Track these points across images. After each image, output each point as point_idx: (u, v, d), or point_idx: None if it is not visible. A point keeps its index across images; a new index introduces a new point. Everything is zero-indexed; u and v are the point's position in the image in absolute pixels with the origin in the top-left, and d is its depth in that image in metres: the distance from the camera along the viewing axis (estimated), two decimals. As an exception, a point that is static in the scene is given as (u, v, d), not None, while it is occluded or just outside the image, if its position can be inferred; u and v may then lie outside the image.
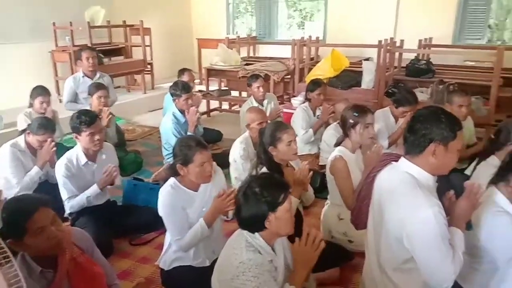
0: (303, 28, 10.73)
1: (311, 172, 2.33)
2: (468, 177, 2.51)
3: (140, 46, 6.75)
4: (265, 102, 4.37)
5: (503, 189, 1.85)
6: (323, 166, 3.27)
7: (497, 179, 1.90)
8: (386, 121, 3.78)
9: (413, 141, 1.64)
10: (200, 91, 5.94)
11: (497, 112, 4.35)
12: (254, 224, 1.60)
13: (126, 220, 2.96)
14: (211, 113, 6.34)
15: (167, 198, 2.16)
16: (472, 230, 1.78)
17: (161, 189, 2.19)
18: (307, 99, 4.17)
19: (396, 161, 1.76)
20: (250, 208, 1.58)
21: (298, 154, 2.70)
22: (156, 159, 4.34)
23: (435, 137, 1.58)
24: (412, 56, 5.36)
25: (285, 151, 2.43)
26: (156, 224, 2.69)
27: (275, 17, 8.64)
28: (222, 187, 2.30)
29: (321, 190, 3.32)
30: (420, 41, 5.68)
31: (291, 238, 1.76)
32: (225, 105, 6.48)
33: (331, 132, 3.54)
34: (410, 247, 1.60)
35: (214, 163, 2.32)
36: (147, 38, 6.93)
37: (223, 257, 1.64)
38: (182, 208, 2.17)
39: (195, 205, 2.21)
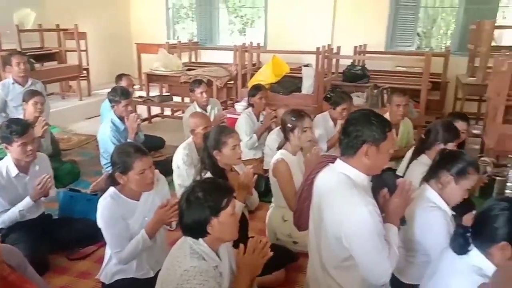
0: (244, 34, 10.87)
1: (255, 176, 2.35)
2: (400, 177, 2.65)
3: (75, 51, 6.46)
4: (208, 107, 4.35)
5: (434, 185, 1.99)
6: (267, 170, 3.32)
7: (429, 176, 2.04)
8: (325, 125, 3.93)
9: (347, 143, 1.70)
10: (140, 97, 5.80)
11: (427, 114, 4.66)
12: (196, 229, 1.57)
13: (62, 234, 2.79)
14: (153, 120, 6.20)
15: (106, 209, 2.07)
16: (406, 225, 1.89)
17: (100, 200, 2.10)
18: (249, 104, 4.21)
19: (333, 162, 1.81)
20: (193, 213, 1.56)
21: (243, 159, 2.71)
22: (94, 168, 4.16)
23: (367, 138, 1.65)
24: (348, 62, 5.60)
25: (229, 155, 2.43)
26: (96, 237, 2.57)
27: (216, 23, 8.66)
28: (165, 196, 2.26)
29: (266, 194, 3.36)
30: (355, 48, 5.96)
31: (235, 243, 1.77)
32: (167, 111, 6.37)
33: (274, 137, 3.60)
34: (348, 245, 1.65)
35: (157, 170, 2.27)
36: (82, 42, 6.66)
37: (166, 266, 1.60)
38: (123, 219, 2.10)
39: (136, 215, 2.14)
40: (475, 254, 1.47)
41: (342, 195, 1.67)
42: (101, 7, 7.93)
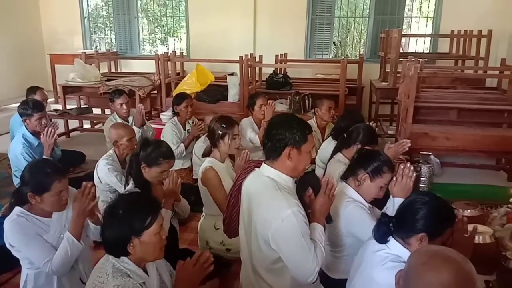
0: (167, 44, 10.68)
1: (180, 180, 2.31)
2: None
3: (-22, 62, 5.90)
4: (130, 118, 4.19)
5: (352, 182, 2.11)
6: (197, 180, 3.27)
7: (347, 174, 2.16)
8: (252, 126, 4.03)
9: (270, 147, 1.75)
10: (55, 110, 5.43)
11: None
12: (116, 248, 1.49)
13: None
14: (71, 134, 5.83)
15: (18, 228, 1.90)
16: (333, 222, 1.97)
17: (5, 221, 1.92)
18: (175, 113, 4.13)
19: (259, 167, 1.85)
20: (113, 231, 1.47)
21: (171, 169, 2.63)
22: (7, 189, 3.80)
23: (288, 141, 1.71)
24: (271, 70, 5.74)
25: (155, 176, 2.35)
26: (7, 264, 2.34)
27: (136, 32, 8.41)
28: None
29: (196, 204, 3.30)
30: (276, 56, 6.12)
31: (165, 254, 1.70)
32: (87, 125, 6.03)
33: (201, 145, 3.57)
34: (276, 246, 1.68)
35: (71, 188, 2.13)
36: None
37: (88, 285, 1.49)
38: (38, 235, 1.94)
39: (51, 232, 1.99)
40: (394, 244, 1.57)
41: (267, 198, 1.70)
42: (7, 16, 7.33)
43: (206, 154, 2.79)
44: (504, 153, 3.99)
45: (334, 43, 8.79)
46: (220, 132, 2.67)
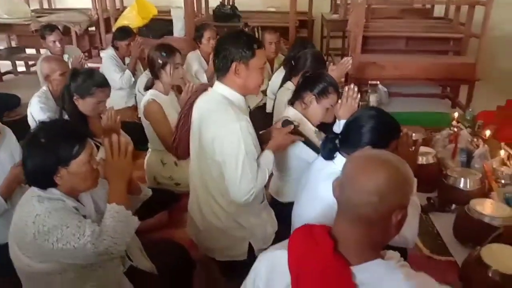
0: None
1: (119, 116, 2.16)
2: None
3: None
4: (65, 56, 3.84)
5: (299, 106, 2.07)
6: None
7: (294, 99, 2.11)
8: (199, 61, 3.83)
9: (218, 63, 1.69)
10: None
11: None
12: (41, 179, 1.36)
13: None
14: (4, 78, 5.36)
15: None
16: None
17: None
18: (113, 46, 3.83)
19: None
20: (36, 160, 1.33)
21: (116, 108, 2.46)
22: None
23: (234, 56, 1.64)
24: (218, 2, 5.44)
25: (90, 108, 2.18)
26: None
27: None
28: (14, 149, 1.96)
29: (143, 142, 3.17)
30: (223, -14, 5.79)
31: None
32: (21, 68, 5.55)
33: (144, 80, 3.35)
34: (220, 159, 1.65)
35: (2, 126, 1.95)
36: None
37: (15, 222, 1.36)
38: None
39: None
40: (340, 160, 1.55)
41: (217, 112, 1.67)
42: None
43: (149, 86, 2.62)
44: (450, 79, 4.10)
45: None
46: (161, 62, 2.49)
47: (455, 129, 3.00)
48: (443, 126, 3.49)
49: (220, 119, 1.65)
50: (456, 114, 3.19)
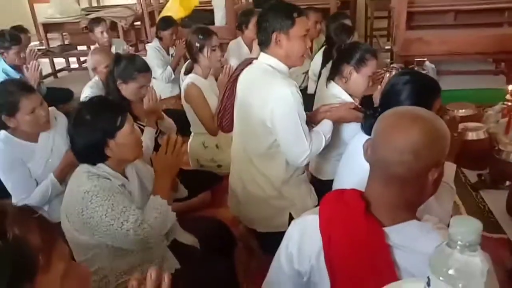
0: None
1: (160, 96, 2.23)
2: None
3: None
4: (113, 48, 4.02)
5: (339, 81, 2.03)
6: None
7: (333, 75, 2.07)
8: (239, 52, 3.83)
9: (261, 37, 1.72)
10: (38, 49, 5.24)
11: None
12: (92, 154, 1.43)
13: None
14: (59, 74, 5.69)
15: (1, 155, 1.87)
16: None
17: None
18: (158, 37, 3.94)
19: None
20: (84, 138, 1.41)
21: (161, 97, 2.54)
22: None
23: (274, 27, 1.66)
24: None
25: (133, 92, 2.22)
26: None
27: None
28: (67, 133, 2.07)
29: (186, 128, 3.24)
30: (263, -28, 5.75)
31: None
32: (74, 64, 5.86)
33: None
34: (272, 125, 1.68)
35: (53, 108, 2.07)
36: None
37: (66, 196, 1.46)
38: (22, 162, 1.91)
39: (36, 158, 1.95)
40: None
41: (266, 79, 1.70)
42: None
43: (188, 71, 2.68)
44: (504, 53, 3.83)
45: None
46: (198, 45, 2.53)
47: (509, 103, 2.81)
48: (497, 103, 3.29)
49: (270, 85, 1.68)
50: (510, 87, 2.99)
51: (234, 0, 4.86)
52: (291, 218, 1.80)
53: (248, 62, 1.87)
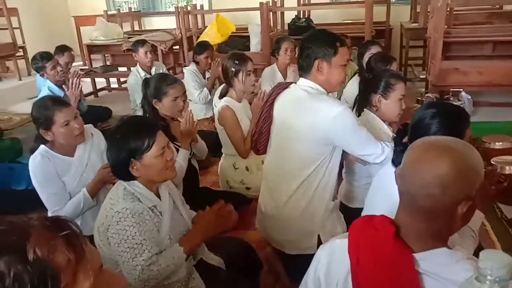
0: (190, 3, 10.53)
1: (196, 120, 2.30)
2: None
3: (6, 28, 6.02)
4: (153, 70, 4.19)
5: (371, 111, 2.03)
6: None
7: (362, 106, 2.08)
8: (273, 78, 3.90)
9: (302, 63, 1.77)
10: (82, 69, 5.53)
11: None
12: (121, 172, 1.49)
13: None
14: (99, 93, 5.95)
15: (38, 167, 1.97)
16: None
17: (30, 160, 1.99)
18: (194, 61, 4.08)
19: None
20: (113, 155, 1.48)
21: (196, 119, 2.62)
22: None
23: (317, 55, 1.71)
24: (293, 16, 5.55)
25: (169, 106, 2.31)
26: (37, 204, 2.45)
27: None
28: (103, 151, 2.15)
29: (218, 149, 3.30)
30: (298, 0, 5.90)
31: (185, 195, 1.73)
32: (114, 84, 6.12)
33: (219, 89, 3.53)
34: (336, 140, 1.73)
35: (90, 125, 2.18)
36: (14, 19, 6.21)
37: (101, 210, 1.51)
38: (58, 177, 2.00)
39: (72, 172, 2.04)
40: None
41: (313, 102, 1.73)
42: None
43: (223, 94, 2.76)
44: (544, 86, 3.73)
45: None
46: (234, 69, 2.61)
47: (547, 137, 2.71)
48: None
49: (319, 107, 1.71)
50: (550, 121, 2.89)
51: (270, 27, 4.96)
52: (319, 241, 1.80)
53: (284, 86, 1.90)
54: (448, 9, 3.82)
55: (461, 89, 3.66)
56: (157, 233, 1.48)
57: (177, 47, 5.71)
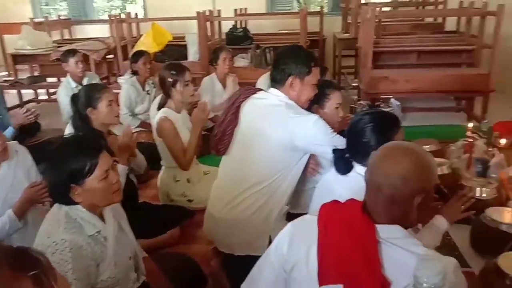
0: (125, 12, 10.22)
1: (135, 134, 2.22)
2: None
3: None
4: (85, 80, 3.99)
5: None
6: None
7: None
8: (213, 89, 3.91)
9: (276, 75, 1.83)
10: (6, 81, 5.15)
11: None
12: (59, 197, 1.37)
13: None
14: (27, 106, 5.54)
15: None
16: None
17: None
18: (133, 72, 3.95)
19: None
20: (51, 179, 1.36)
21: (133, 131, 2.53)
22: None
23: (292, 71, 1.77)
24: (231, 26, 5.59)
25: (106, 112, 2.22)
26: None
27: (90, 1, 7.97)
28: (29, 168, 2.02)
29: (156, 162, 3.21)
30: (235, 10, 5.95)
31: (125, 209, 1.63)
32: (43, 96, 5.76)
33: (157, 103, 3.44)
34: (308, 147, 1.81)
35: (15, 142, 2.04)
36: None
37: (39, 233, 1.39)
38: None
39: None
40: (358, 168, 1.57)
41: (291, 113, 1.78)
42: None
43: (161, 105, 2.68)
44: (464, 92, 4.06)
45: (297, 0, 8.60)
46: (171, 80, 2.56)
47: (470, 140, 2.94)
48: (458, 139, 3.43)
49: (295, 117, 1.76)
50: (470, 125, 3.14)
51: (207, 36, 4.94)
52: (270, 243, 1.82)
53: (252, 91, 1.94)
54: (377, 21, 4.04)
55: (391, 96, 3.87)
56: (96, 267, 1.37)
57: (111, 56, 5.51)
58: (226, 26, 5.64)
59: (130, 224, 1.67)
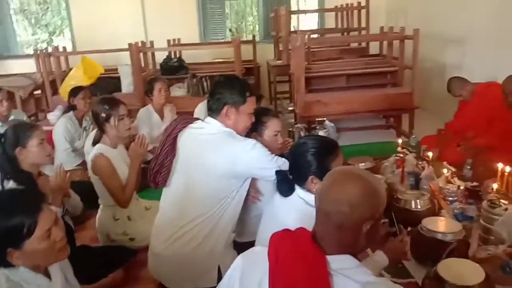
0: (52, 45, 9.82)
1: (68, 174, 2.10)
2: None
3: None
4: (11, 119, 3.72)
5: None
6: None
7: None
8: (150, 121, 3.84)
9: (212, 104, 1.85)
10: None
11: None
12: None
13: None
14: None
15: None
16: None
17: None
18: (71, 107, 3.76)
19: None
20: None
21: (66, 169, 2.39)
22: None
23: (227, 101, 1.81)
24: (165, 56, 5.56)
25: (37, 151, 2.09)
26: None
27: (12, 32, 7.57)
28: None
29: (93, 201, 3.04)
30: (168, 41, 5.95)
31: None
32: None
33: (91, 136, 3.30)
34: (248, 173, 1.84)
35: None
36: None
37: None
38: None
39: None
40: (299, 191, 1.61)
41: (231, 140, 1.81)
42: None
43: (96, 141, 2.57)
44: (391, 110, 4.33)
45: (230, 29, 8.77)
46: (104, 115, 2.47)
47: (401, 155, 3.12)
48: (390, 154, 3.64)
49: (235, 144, 1.79)
50: (400, 141, 3.34)
51: (141, 67, 4.88)
52: (220, 274, 1.80)
53: (187, 121, 1.94)
54: (306, 48, 4.23)
55: (325, 118, 4.02)
56: None
57: (39, 92, 5.24)
58: (160, 56, 5.61)
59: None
